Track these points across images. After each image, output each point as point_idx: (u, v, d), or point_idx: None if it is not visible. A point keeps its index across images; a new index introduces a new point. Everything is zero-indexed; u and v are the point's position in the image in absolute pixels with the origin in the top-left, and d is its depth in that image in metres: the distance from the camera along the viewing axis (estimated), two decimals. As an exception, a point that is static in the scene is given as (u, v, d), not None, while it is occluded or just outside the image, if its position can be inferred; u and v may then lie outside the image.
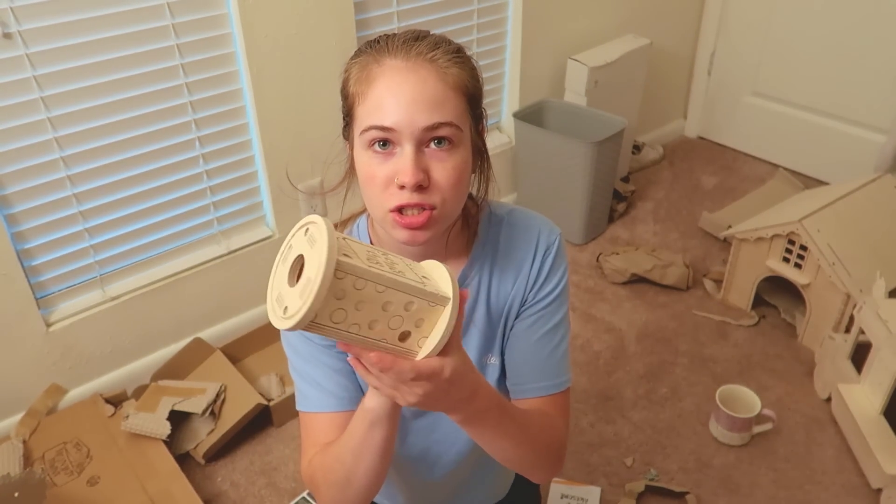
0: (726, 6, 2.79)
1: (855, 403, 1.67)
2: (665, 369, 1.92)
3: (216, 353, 1.85)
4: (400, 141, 0.75)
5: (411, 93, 0.74)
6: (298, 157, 1.90)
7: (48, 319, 1.67)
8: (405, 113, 0.74)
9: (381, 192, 0.77)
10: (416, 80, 0.74)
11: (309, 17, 1.76)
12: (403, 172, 0.74)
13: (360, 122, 0.77)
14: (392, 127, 0.74)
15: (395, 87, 0.74)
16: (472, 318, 0.91)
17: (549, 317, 0.90)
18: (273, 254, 2.09)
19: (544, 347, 0.90)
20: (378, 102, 0.75)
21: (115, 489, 1.53)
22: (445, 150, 0.76)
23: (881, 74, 2.47)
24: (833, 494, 1.59)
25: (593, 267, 2.31)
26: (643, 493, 1.59)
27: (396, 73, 0.75)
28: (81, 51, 1.51)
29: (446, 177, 0.77)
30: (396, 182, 0.75)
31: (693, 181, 2.79)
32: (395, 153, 0.76)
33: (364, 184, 0.79)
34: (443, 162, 0.77)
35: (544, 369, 0.90)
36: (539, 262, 0.90)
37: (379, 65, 0.76)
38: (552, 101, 2.43)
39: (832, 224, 1.87)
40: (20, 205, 1.56)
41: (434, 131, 0.75)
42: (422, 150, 0.76)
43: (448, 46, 0.78)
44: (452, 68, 0.77)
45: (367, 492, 0.82)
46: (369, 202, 0.80)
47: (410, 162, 0.74)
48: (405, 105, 0.74)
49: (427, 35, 0.78)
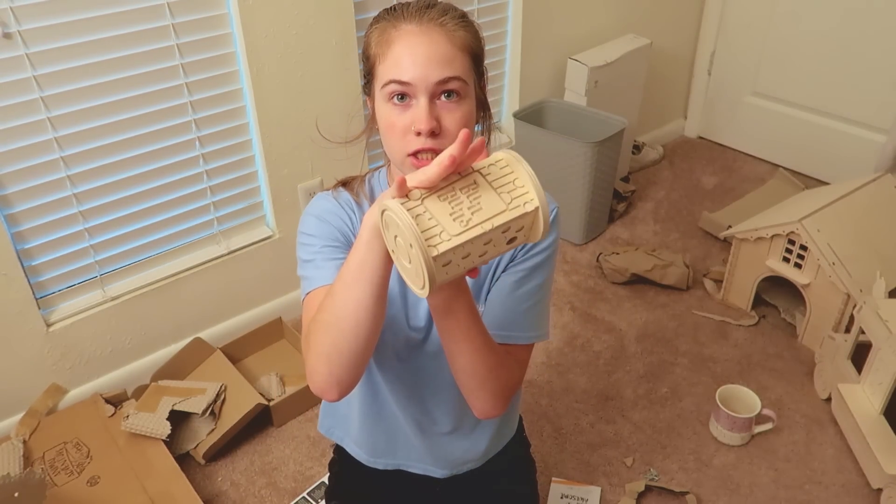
0: (726, 6, 2.79)
1: (855, 403, 1.67)
2: (665, 369, 1.92)
3: (216, 353, 1.85)
4: (415, 94, 0.86)
5: (425, 52, 0.86)
6: (298, 157, 1.90)
7: (48, 319, 1.67)
8: (420, 69, 0.85)
9: (400, 138, 0.88)
10: (428, 42, 0.86)
11: (309, 17, 1.76)
12: (419, 120, 0.86)
13: (381, 78, 0.88)
14: (409, 81, 0.86)
15: (410, 47, 0.86)
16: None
17: (532, 276, 0.98)
18: (273, 254, 2.10)
19: (522, 302, 0.98)
20: (396, 60, 0.86)
21: (115, 489, 1.53)
22: (454, 102, 0.88)
23: (881, 74, 2.47)
24: (833, 494, 1.59)
25: (593, 267, 2.30)
26: (643, 493, 1.59)
27: (412, 35, 0.87)
28: (81, 51, 1.51)
29: (455, 124, 0.88)
30: (413, 129, 0.87)
31: (693, 181, 2.79)
32: (412, 105, 0.87)
33: (385, 131, 0.91)
34: (452, 112, 0.88)
35: (517, 321, 0.98)
36: None
37: (396, 29, 0.88)
38: (552, 101, 2.43)
39: (832, 224, 1.87)
40: (20, 205, 1.56)
41: (444, 85, 0.86)
42: (434, 101, 0.87)
43: (455, 13, 0.90)
44: (459, 31, 0.89)
45: (355, 338, 0.81)
46: (389, 148, 0.91)
47: (425, 111, 0.86)
48: (420, 62, 0.85)
49: (436, 3, 0.90)
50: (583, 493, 1.59)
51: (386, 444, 1.14)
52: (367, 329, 0.80)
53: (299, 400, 1.77)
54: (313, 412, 1.80)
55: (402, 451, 1.14)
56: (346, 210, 0.99)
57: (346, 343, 0.81)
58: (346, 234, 0.97)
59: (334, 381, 0.84)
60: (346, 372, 0.83)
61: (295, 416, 1.78)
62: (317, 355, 0.83)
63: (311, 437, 1.74)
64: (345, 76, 1.88)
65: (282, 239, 1.96)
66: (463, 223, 0.68)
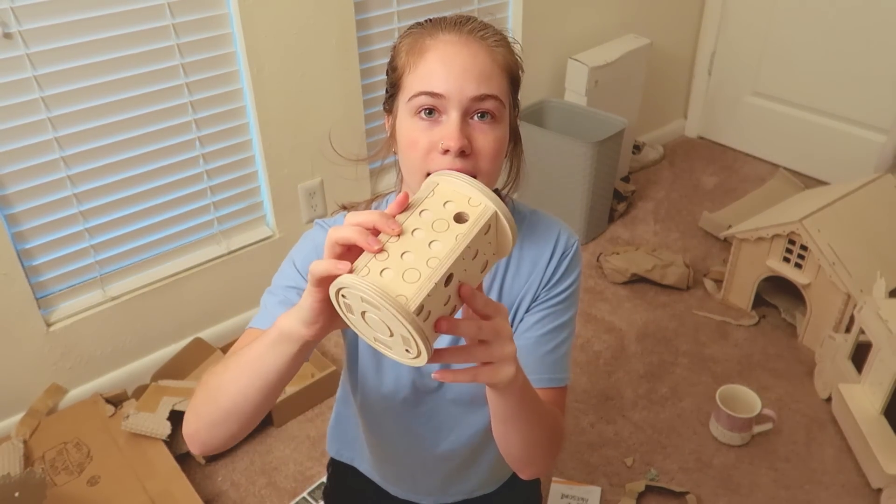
0: (726, 6, 2.79)
1: (855, 403, 1.67)
2: (665, 369, 1.92)
3: (216, 353, 1.85)
4: (446, 108, 0.78)
5: (462, 63, 0.78)
6: (298, 157, 1.90)
7: (48, 319, 1.67)
8: (455, 81, 0.77)
9: (422, 156, 0.79)
10: (467, 53, 0.79)
11: (309, 16, 1.76)
12: (449, 137, 0.77)
13: (409, 89, 0.80)
14: (442, 93, 0.77)
15: (447, 57, 0.78)
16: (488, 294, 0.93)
17: (557, 315, 0.93)
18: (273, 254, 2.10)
19: (549, 342, 0.92)
20: (429, 70, 0.78)
21: (116, 489, 1.53)
22: (488, 123, 0.80)
23: (881, 74, 2.47)
24: (833, 494, 1.59)
25: (593, 267, 2.30)
26: (643, 493, 1.59)
27: (449, 45, 0.79)
28: (81, 51, 1.51)
29: (488, 147, 0.80)
30: (441, 146, 0.78)
31: (693, 181, 2.78)
32: (441, 121, 0.79)
33: (406, 149, 0.81)
34: (485, 133, 0.80)
35: (546, 362, 0.92)
36: (556, 261, 0.93)
37: (432, 38, 0.80)
38: (552, 101, 2.43)
39: (832, 224, 1.87)
40: (20, 205, 1.56)
41: (480, 102, 0.78)
42: (466, 119, 0.79)
43: (495, 29, 0.84)
44: (500, 48, 0.82)
45: (228, 417, 0.76)
46: (408, 168, 0.83)
47: (456, 127, 0.77)
48: (456, 73, 0.77)
49: (475, 18, 0.84)
50: (583, 493, 1.59)
51: (396, 477, 1.12)
52: (245, 415, 0.75)
53: (299, 400, 1.77)
54: (313, 412, 1.80)
55: (409, 484, 1.12)
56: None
57: (220, 417, 0.76)
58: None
59: (199, 440, 0.79)
60: (211, 439, 0.79)
61: (295, 416, 1.78)
62: (193, 406, 0.79)
63: (311, 437, 1.74)
64: (345, 76, 1.88)
65: (282, 239, 1.96)
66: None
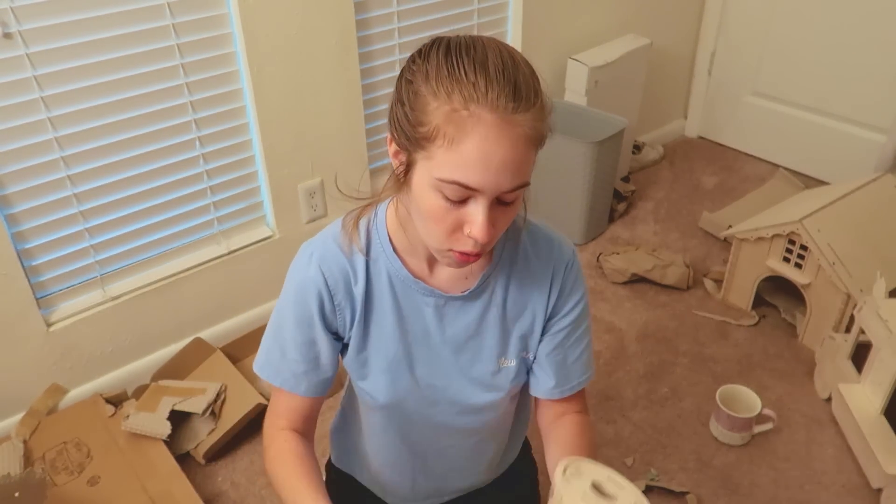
0: (726, 6, 2.79)
1: (855, 403, 1.67)
2: (665, 369, 1.92)
3: (216, 353, 1.85)
4: (476, 197, 0.75)
5: (502, 157, 0.73)
6: (298, 157, 1.90)
7: (48, 319, 1.67)
8: (493, 178, 0.73)
9: (446, 235, 0.79)
10: (508, 145, 0.73)
11: (309, 17, 1.76)
12: (477, 229, 0.76)
13: (441, 168, 0.74)
14: (478, 188, 0.74)
15: (487, 148, 0.72)
16: (485, 319, 0.94)
17: (578, 325, 0.98)
18: (273, 254, 2.09)
19: (576, 351, 0.99)
20: (467, 160, 0.72)
21: (116, 489, 1.53)
22: (511, 204, 0.79)
23: (881, 74, 2.47)
24: (833, 494, 1.59)
25: (593, 267, 2.30)
26: (643, 492, 1.59)
27: (491, 131, 0.72)
28: (81, 51, 1.51)
29: (505, 224, 0.81)
30: (467, 233, 0.77)
31: (693, 181, 2.79)
32: (468, 203, 0.76)
33: (428, 220, 0.79)
34: (506, 214, 0.80)
35: (578, 369, 0.99)
36: (561, 278, 0.95)
37: (470, 113, 0.71)
38: (552, 101, 2.42)
39: (832, 224, 1.87)
40: (20, 205, 1.56)
41: (511, 193, 0.77)
42: (493, 205, 0.77)
43: (538, 96, 0.76)
44: (537, 122, 0.75)
45: None
46: (428, 235, 0.81)
47: (485, 220, 0.76)
48: (494, 170, 0.73)
49: (515, 77, 0.74)
50: (583, 493, 1.59)
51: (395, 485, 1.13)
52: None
53: (299, 400, 1.77)
54: (313, 412, 1.80)
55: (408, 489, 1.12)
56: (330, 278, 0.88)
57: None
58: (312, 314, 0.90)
59: None
60: None
61: (295, 416, 1.78)
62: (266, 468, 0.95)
63: (312, 437, 1.74)
64: (345, 76, 1.88)
65: (282, 239, 1.96)
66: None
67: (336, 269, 0.88)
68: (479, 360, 0.95)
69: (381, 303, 0.91)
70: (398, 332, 0.92)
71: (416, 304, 0.92)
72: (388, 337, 0.92)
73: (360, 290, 0.89)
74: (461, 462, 1.08)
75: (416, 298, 0.91)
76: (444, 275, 0.92)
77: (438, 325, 0.93)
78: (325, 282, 0.88)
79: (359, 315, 0.91)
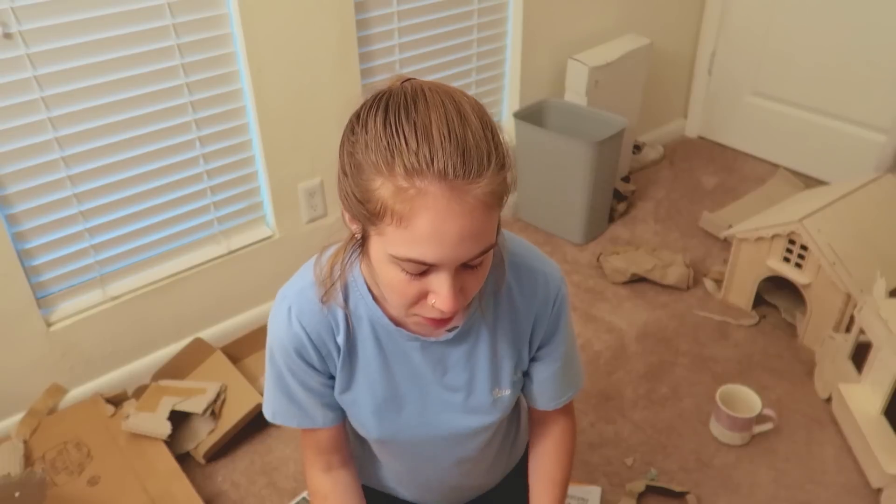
0: (726, 6, 2.79)
1: (855, 403, 1.67)
2: (665, 369, 1.92)
3: (216, 353, 1.85)
4: (437, 269, 0.71)
5: (458, 231, 0.67)
6: (298, 157, 1.90)
7: (48, 319, 1.67)
8: (451, 252, 0.69)
9: (411, 303, 0.75)
10: (462, 216, 0.66)
11: (309, 17, 1.76)
12: (442, 302, 0.72)
13: (394, 247, 0.69)
14: (435, 263, 0.70)
15: (439, 224, 0.66)
16: (474, 356, 0.92)
17: (568, 352, 0.98)
18: (273, 254, 2.08)
19: (566, 369, 0.99)
20: (420, 238, 0.67)
21: (116, 489, 1.53)
22: (479, 264, 0.74)
23: (881, 74, 2.47)
24: (833, 494, 1.59)
25: (593, 267, 2.31)
26: (643, 492, 1.59)
27: (440, 205, 0.65)
28: (82, 51, 1.51)
29: (475, 286, 0.76)
30: (433, 305, 0.73)
31: (693, 181, 2.79)
32: (429, 274, 0.72)
33: (389, 291, 0.75)
34: (475, 275, 0.75)
35: (567, 383, 1.01)
36: (547, 315, 0.93)
37: (416, 189, 0.65)
38: (552, 101, 2.43)
39: (832, 224, 1.87)
40: (20, 205, 1.56)
41: (474, 260, 0.72)
42: (458, 271, 0.72)
43: (494, 154, 0.68)
44: (494, 183, 0.68)
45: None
46: (392, 303, 0.78)
47: (450, 291, 0.71)
48: (451, 245, 0.68)
49: (464, 137, 0.66)
50: (583, 493, 1.59)
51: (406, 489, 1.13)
52: None
53: (299, 400, 1.77)
54: (313, 412, 1.80)
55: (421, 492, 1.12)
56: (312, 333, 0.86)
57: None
58: (303, 366, 0.89)
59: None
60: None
61: (295, 416, 1.78)
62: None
63: (312, 437, 1.74)
64: (345, 76, 1.88)
65: (282, 239, 1.96)
66: None
67: (316, 322, 0.86)
68: (472, 394, 0.93)
69: (365, 349, 0.89)
70: (384, 377, 0.90)
71: (401, 349, 0.89)
72: (375, 381, 0.90)
73: (342, 339, 0.87)
74: (468, 471, 1.07)
75: (401, 343, 0.89)
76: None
77: (427, 366, 0.91)
78: (307, 337, 0.86)
79: (341, 363, 0.89)
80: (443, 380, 0.92)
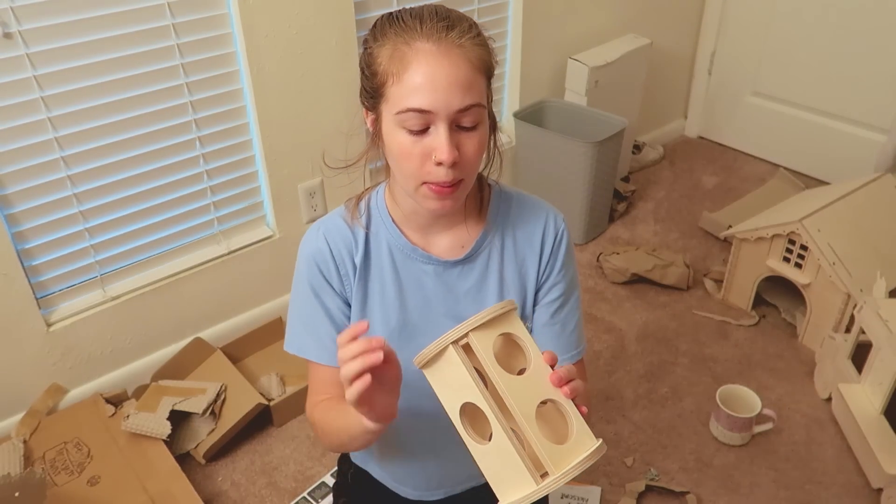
0: (726, 6, 2.79)
1: (855, 403, 1.67)
2: (665, 369, 1.92)
3: (216, 353, 1.85)
4: (434, 121, 0.82)
5: (446, 77, 0.80)
6: (298, 157, 1.90)
7: (49, 319, 1.67)
8: (442, 96, 0.80)
9: (418, 167, 0.85)
10: (449, 65, 0.80)
11: (309, 17, 1.76)
12: (441, 151, 0.82)
13: (395, 103, 0.82)
14: (430, 109, 0.81)
15: (430, 72, 0.80)
16: (485, 281, 0.98)
17: (568, 297, 1.01)
18: (273, 254, 2.09)
19: (568, 324, 1.02)
20: (414, 86, 0.80)
21: (116, 489, 1.53)
22: (472, 130, 0.85)
23: (881, 74, 2.47)
24: (833, 494, 1.59)
25: (594, 267, 2.31)
26: (643, 492, 1.59)
27: (431, 57, 0.80)
28: (82, 51, 1.51)
29: (473, 151, 0.85)
30: (434, 159, 0.83)
31: (693, 181, 2.79)
32: (429, 132, 0.83)
33: (400, 159, 0.86)
34: (471, 139, 0.85)
35: (571, 342, 1.03)
36: (550, 247, 0.99)
37: (409, 47, 0.81)
38: (552, 101, 2.43)
39: (832, 224, 1.87)
40: (20, 205, 1.56)
41: (464, 113, 0.82)
42: (453, 128, 0.83)
43: (471, 29, 0.84)
44: (476, 50, 0.83)
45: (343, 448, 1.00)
46: (402, 174, 0.88)
47: (447, 141, 0.82)
48: (441, 89, 0.80)
49: (449, 16, 0.83)
50: (583, 493, 1.59)
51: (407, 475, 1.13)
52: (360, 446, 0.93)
53: (300, 400, 1.77)
54: (313, 412, 1.80)
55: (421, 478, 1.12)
56: (334, 248, 0.96)
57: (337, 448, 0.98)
58: (323, 282, 0.96)
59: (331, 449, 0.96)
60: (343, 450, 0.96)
61: (295, 415, 1.78)
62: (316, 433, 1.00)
63: (312, 436, 1.74)
64: (345, 76, 1.88)
65: (282, 239, 1.96)
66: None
67: (339, 239, 0.96)
68: None
69: (381, 274, 0.96)
70: (398, 303, 0.96)
71: (415, 275, 0.96)
72: (389, 307, 0.96)
73: (359, 259, 0.95)
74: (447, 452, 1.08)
75: (416, 267, 0.96)
76: (441, 243, 0.97)
77: (438, 294, 0.96)
78: (329, 251, 0.95)
79: (356, 283, 0.96)
80: (454, 310, 0.97)
